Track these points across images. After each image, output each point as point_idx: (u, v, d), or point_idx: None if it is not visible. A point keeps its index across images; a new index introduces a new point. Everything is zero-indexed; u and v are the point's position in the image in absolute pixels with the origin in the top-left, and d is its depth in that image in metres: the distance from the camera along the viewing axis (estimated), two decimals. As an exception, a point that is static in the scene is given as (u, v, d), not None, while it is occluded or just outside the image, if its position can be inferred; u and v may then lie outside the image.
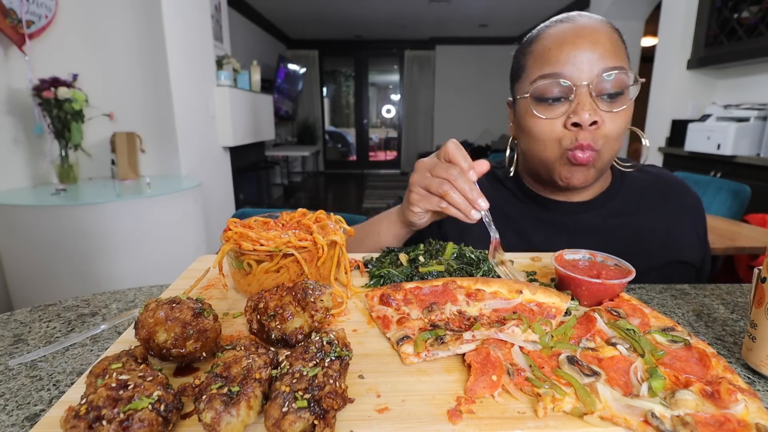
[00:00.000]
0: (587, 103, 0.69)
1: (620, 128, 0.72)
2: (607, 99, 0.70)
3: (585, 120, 0.68)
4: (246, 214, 0.94)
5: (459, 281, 0.59)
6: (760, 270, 0.47)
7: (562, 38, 0.70)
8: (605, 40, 0.69)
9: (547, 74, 0.71)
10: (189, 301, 0.46)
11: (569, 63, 0.69)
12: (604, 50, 0.68)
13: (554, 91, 0.71)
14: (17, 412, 0.44)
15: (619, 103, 0.71)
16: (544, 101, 0.72)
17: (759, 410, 0.37)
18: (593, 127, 0.70)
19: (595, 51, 0.68)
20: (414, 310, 0.55)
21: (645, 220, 0.83)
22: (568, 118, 0.71)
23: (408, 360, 0.46)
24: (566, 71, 0.69)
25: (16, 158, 2.29)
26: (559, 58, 0.70)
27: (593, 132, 0.70)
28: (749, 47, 2.83)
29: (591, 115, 0.68)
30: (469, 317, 0.54)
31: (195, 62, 3.13)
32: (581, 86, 0.69)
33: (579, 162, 0.72)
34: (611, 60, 0.69)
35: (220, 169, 3.72)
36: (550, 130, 0.73)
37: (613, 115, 0.70)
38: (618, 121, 0.71)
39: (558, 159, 0.75)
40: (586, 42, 0.69)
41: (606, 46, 0.69)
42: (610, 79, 0.69)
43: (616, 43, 0.71)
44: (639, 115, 0.91)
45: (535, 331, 0.49)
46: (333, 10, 6.37)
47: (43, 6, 2.30)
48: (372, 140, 9.73)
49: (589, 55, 0.68)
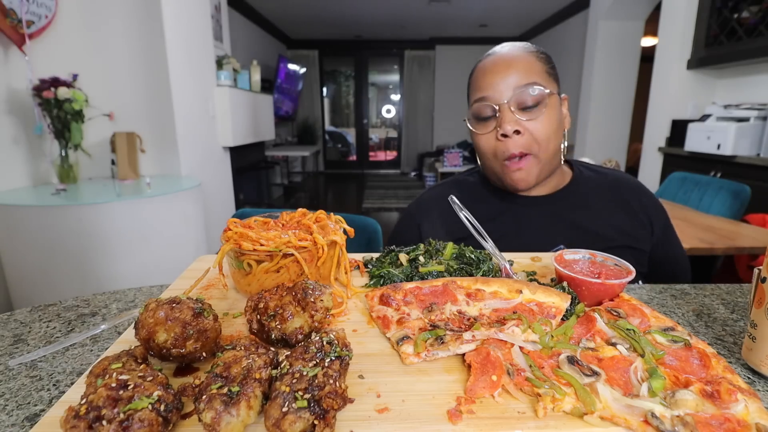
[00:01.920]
0: (508, 117, 0.84)
1: (546, 131, 0.84)
2: (528, 110, 0.84)
3: (507, 130, 0.83)
4: (246, 214, 0.94)
5: (459, 281, 0.59)
6: (760, 270, 0.47)
7: (485, 68, 0.88)
8: (518, 63, 0.85)
9: (478, 98, 0.87)
10: (189, 301, 0.46)
11: (490, 87, 0.85)
12: (516, 72, 0.84)
13: (486, 111, 0.87)
14: (17, 412, 0.44)
15: (538, 111, 0.84)
16: (480, 120, 0.89)
17: (759, 410, 0.37)
18: (518, 135, 0.84)
19: (509, 74, 0.84)
20: (414, 310, 0.55)
21: (598, 213, 0.92)
22: (496, 131, 0.86)
23: (408, 360, 0.46)
24: (489, 94, 0.85)
25: (16, 158, 2.29)
26: (483, 85, 0.87)
27: (521, 139, 0.84)
28: (749, 47, 2.83)
29: (511, 125, 0.83)
30: (469, 317, 0.54)
31: (195, 62, 3.13)
32: (502, 104, 0.84)
33: (515, 168, 0.86)
34: (524, 78, 0.84)
35: (220, 169, 3.72)
36: (487, 143, 0.89)
37: (535, 122, 0.84)
38: (541, 127, 0.84)
39: (500, 169, 0.89)
40: (501, 68, 0.85)
41: (519, 68, 0.84)
42: (525, 93, 0.83)
43: (532, 63, 0.86)
44: (639, 115, 0.95)
45: (535, 331, 0.49)
46: (333, 10, 6.37)
47: (43, 6, 2.30)
48: (372, 140, 9.72)
49: (504, 78, 0.84)
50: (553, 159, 0.90)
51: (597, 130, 4.93)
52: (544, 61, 0.88)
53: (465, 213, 0.72)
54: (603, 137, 4.94)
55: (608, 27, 4.71)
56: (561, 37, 6.16)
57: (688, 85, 3.42)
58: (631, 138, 5.16)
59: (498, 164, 0.89)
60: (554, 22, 6.32)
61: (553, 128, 0.86)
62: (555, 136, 0.87)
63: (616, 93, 4.87)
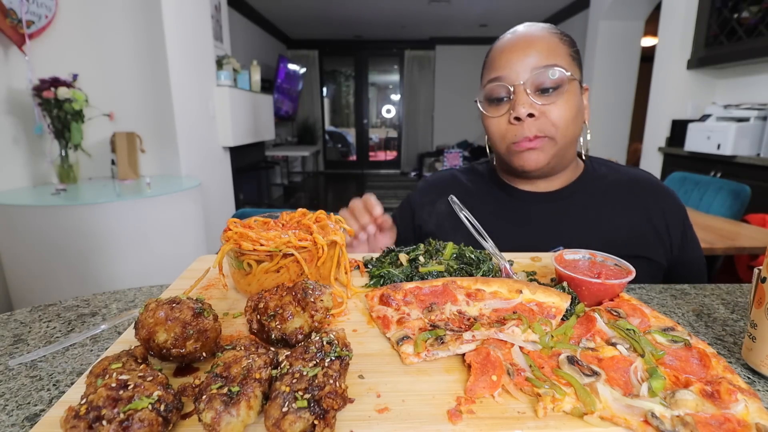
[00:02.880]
0: (522, 99, 0.78)
1: (565, 115, 0.79)
2: (546, 93, 0.79)
3: (521, 113, 0.78)
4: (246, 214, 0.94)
5: (459, 281, 0.59)
6: (760, 270, 0.47)
7: (503, 47, 0.82)
8: (539, 43, 0.79)
9: (492, 78, 0.82)
10: (189, 301, 0.46)
11: (507, 67, 0.80)
12: (536, 52, 0.78)
13: (499, 92, 0.81)
14: (17, 412, 0.44)
15: (556, 95, 0.79)
16: (492, 102, 0.83)
17: (759, 410, 0.37)
18: (532, 119, 0.79)
19: (528, 54, 0.78)
20: (414, 310, 0.55)
21: (609, 214, 0.86)
22: (510, 114, 0.80)
23: (408, 360, 0.46)
24: (505, 74, 0.80)
25: (16, 158, 2.29)
26: (500, 64, 0.81)
27: (536, 124, 0.79)
28: (749, 47, 2.83)
29: (526, 108, 0.78)
30: (469, 317, 0.54)
31: (195, 62, 3.13)
32: (518, 85, 0.78)
33: (525, 148, 0.81)
34: (544, 60, 0.78)
35: (220, 169, 3.72)
36: (498, 128, 0.83)
37: (553, 105, 0.78)
38: (559, 110, 0.78)
39: (507, 151, 0.84)
40: (520, 47, 0.80)
41: (539, 48, 0.79)
42: (544, 75, 0.77)
43: (554, 44, 0.80)
44: (639, 115, 0.94)
45: (535, 331, 0.49)
46: (333, 10, 6.37)
47: (43, 6, 2.30)
48: (372, 140, 9.72)
49: (522, 58, 0.79)
50: (570, 148, 0.84)
51: (597, 130, 4.93)
52: (568, 44, 0.82)
53: (465, 213, 0.72)
54: (603, 137, 4.95)
55: (608, 27, 4.71)
56: (561, 37, 6.16)
57: (688, 85, 3.42)
58: (631, 138, 5.16)
59: (505, 146, 0.83)
60: (554, 22, 6.32)
61: (572, 114, 0.79)
62: (573, 123, 0.80)
63: (616, 93, 4.87)
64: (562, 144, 0.81)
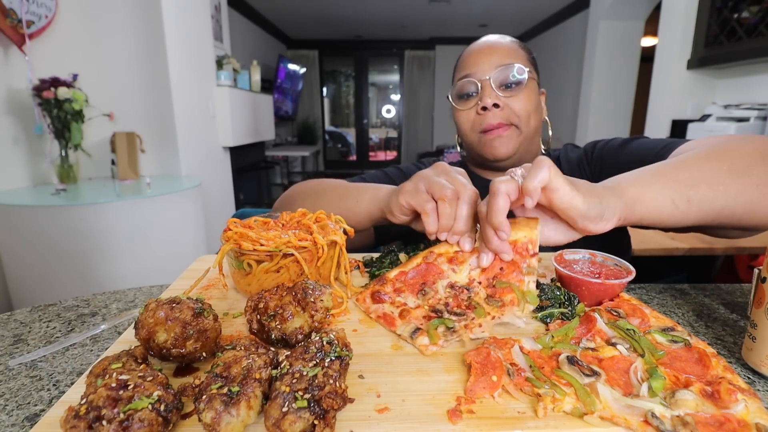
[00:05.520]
0: (489, 92, 0.89)
1: (526, 107, 0.89)
2: (509, 88, 0.90)
3: (487, 103, 0.88)
4: (246, 214, 0.94)
5: (436, 249, 0.61)
6: (760, 270, 0.47)
7: (471, 51, 0.95)
8: (502, 47, 0.92)
9: (462, 76, 0.93)
10: (189, 301, 0.46)
11: (474, 66, 0.91)
12: (499, 54, 0.90)
13: (468, 88, 0.92)
14: (17, 412, 0.44)
15: (518, 90, 0.89)
16: (462, 97, 0.94)
17: (759, 410, 0.37)
18: (498, 109, 0.89)
19: (493, 54, 0.91)
20: (409, 298, 0.56)
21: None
22: (477, 105, 0.91)
23: (428, 351, 0.48)
24: (473, 71, 0.91)
25: (16, 158, 2.29)
26: (468, 63, 0.93)
27: (501, 113, 0.89)
28: (749, 47, 2.83)
29: (492, 99, 0.88)
30: (462, 288, 0.56)
31: (195, 62, 3.13)
32: (484, 80, 0.89)
33: (494, 136, 0.89)
34: (506, 59, 0.90)
35: (220, 169, 3.72)
36: (467, 118, 0.94)
37: (515, 98, 0.89)
38: (521, 102, 0.89)
39: (478, 141, 0.93)
40: (486, 50, 0.92)
41: (501, 51, 0.91)
42: (506, 72, 0.89)
43: (514, 49, 0.92)
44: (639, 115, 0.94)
45: (529, 302, 0.54)
46: (333, 10, 6.37)
47: (43, 6, 2.30)
48: (372, 140, 9.72)
49: (488, 57, 0.90)
50: (535, 137, 0.94)
51: (597, 130, 4.93)
52: (527, 51, 0.95)
53: None
54: (603, 137, 4.94)
55: (608, 27, 4.71)
56: (561, 37, 6.16)
57: (688, 85, 3.42)
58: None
59: (476, 136, 0.93)
60: (554, 22, 6.32)
61: (533, 107, 0.90)
62: (535, 114, 0.91)
63: (616, 93, 4.86)
64: (526, 133, 0.91)
